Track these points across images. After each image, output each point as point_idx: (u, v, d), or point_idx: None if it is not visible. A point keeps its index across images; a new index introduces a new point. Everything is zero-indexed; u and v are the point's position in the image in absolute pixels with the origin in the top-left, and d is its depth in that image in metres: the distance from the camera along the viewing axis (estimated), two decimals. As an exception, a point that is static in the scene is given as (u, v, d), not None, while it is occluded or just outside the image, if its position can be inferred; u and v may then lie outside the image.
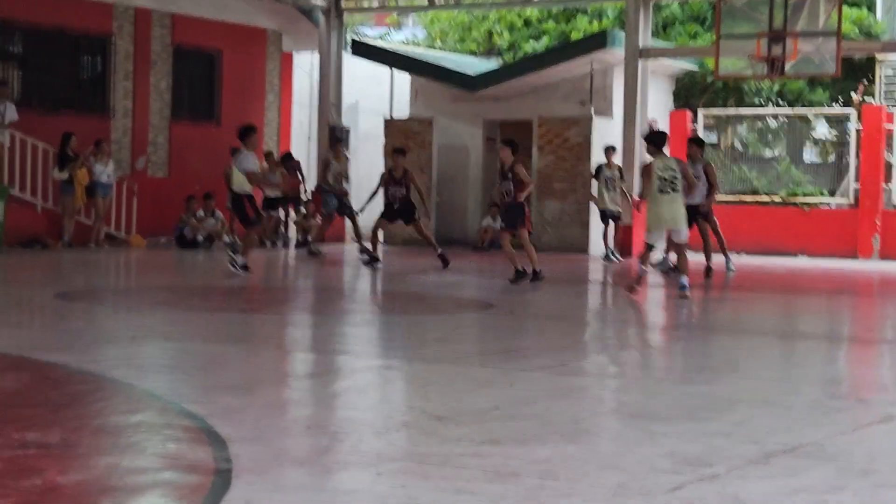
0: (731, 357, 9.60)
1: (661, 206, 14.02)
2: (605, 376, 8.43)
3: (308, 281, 17.50)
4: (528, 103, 25.77)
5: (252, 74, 26.82)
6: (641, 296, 14.40)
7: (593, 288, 17.17)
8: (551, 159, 24.56)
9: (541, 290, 15.49)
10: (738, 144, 26.74)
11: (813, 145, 26.66)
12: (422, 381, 7.86)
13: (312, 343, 10.21)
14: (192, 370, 8.11)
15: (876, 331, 12.23)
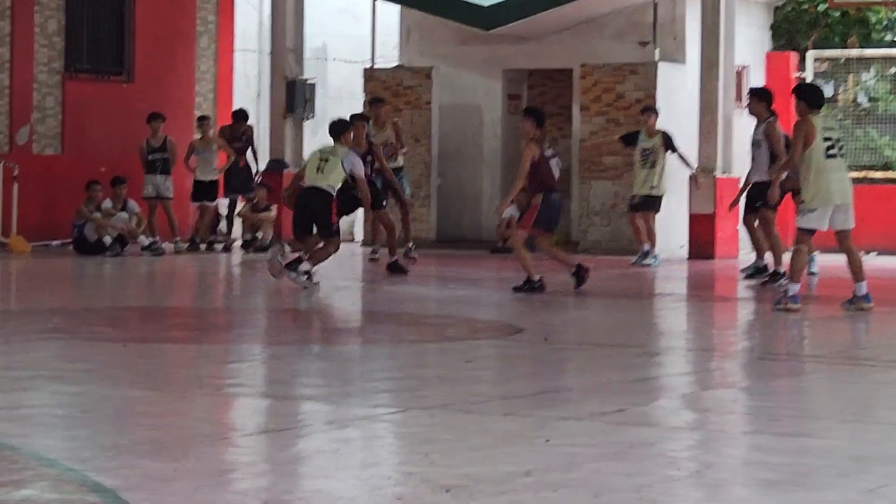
0: (855, 397, 9.59)
1: (830, 175, 14.13)
2: (678, 428, 8.43)
3: (260, 297, 17.51)
4: (565, 45, 25.78)
5: (177, 10, 26.78)
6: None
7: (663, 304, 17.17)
8: (600, 123, 24.57)
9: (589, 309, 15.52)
10: (864, 99, 26.74)
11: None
12: (422, 436, 7.86)
13: (267, 385, 10.21)
14: (99, 424, 8.10)
15: None
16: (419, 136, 26.29)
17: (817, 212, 14.21)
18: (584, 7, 25.09)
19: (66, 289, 18.00)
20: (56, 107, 25.17)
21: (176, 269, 21.02)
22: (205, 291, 18.57)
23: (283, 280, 16.88)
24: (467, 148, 26.76)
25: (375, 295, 18.03)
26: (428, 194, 26.35)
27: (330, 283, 19.36)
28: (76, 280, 19.05)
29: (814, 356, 12.23)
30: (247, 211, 24.70)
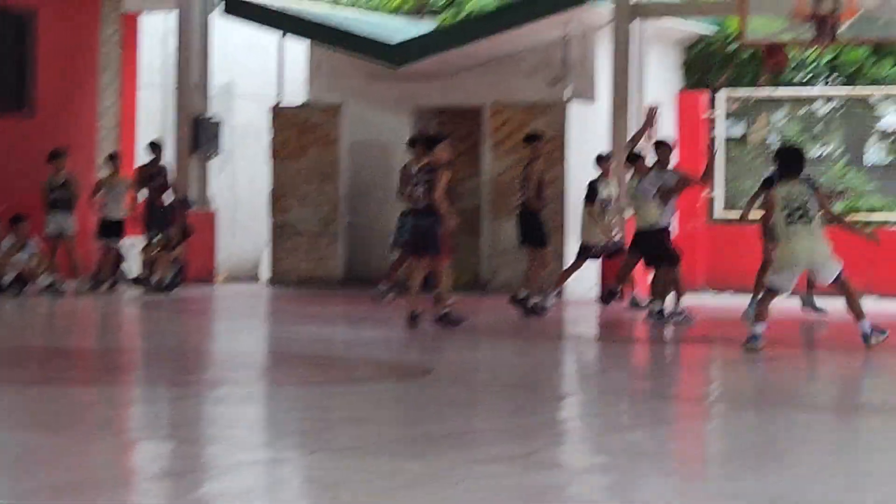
0: (764, 439, 9.64)
1: (793, 241, 14.85)
2: (588, 470, 8.44)
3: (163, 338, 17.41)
4: (476, 83, 25.86)
5: (80, 43, 26.69)
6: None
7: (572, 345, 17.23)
8: (510, 162, 24.62)
9: (500, 350, 15.53)
10: (774, 139, 26.98)
11: (880, 139, 26.96)
12: (329, 480, 7.84)
13: (170, 428, 10.14)
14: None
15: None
16: (327, 173, 26.28)
17: (782, 273, 15.21)
18: (494, 45, 25.18)
19: (-36, 329, 17.85)
20: (-45, 142, 24.99)
21: (77, 309, 20.87)
22: (107, 332, 18.45)
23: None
24: (376, 186, 26.75)
25: (282, 336, 17.97)
26: (336, 232, 26.33)
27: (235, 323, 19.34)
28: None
29: (724, 398, 12.29)
30: (150, 250, 24.53)
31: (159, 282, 24.04)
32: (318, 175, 26.40)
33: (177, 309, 20.85)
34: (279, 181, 26.69)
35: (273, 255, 27.01)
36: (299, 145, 26.53)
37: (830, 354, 16.75)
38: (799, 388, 13.07)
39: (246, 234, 29.03)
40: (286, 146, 26.63)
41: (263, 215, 27.55)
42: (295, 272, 26.51)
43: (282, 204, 26.67)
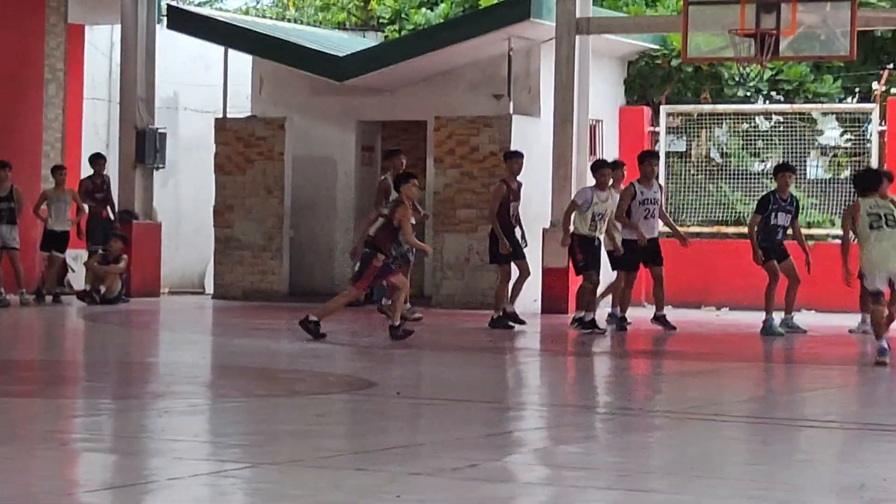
0: (706, 452, 9.69)
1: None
2: (531, 483, 8.47)
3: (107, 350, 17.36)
4: (420, 97, 25.87)
5: (24, 56, 26.59)
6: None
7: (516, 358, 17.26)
8: (454, 176, 24.65)
9: (441, 364, 15.54)
10: (716, 154, 27.08)
11: (819, 155, 27.11)
12: (272, 493, 7.84)
13: (112, 440, 10.12)
14: (-60, 481, 8.01)
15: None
16: (271, 187, 26.26)
17: (870, 278, 15.63)
18: (438, 59, 25.21)
19: None
20: None
21: (21, 321, 20.79)
22: (51, 344, 18.38)
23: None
24: (320, 200, 26.75)
25: (227, 349, 17.95)
26: (280, 246, 26.30)
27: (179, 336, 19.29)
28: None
29: (666, 411, 12.33)
30: (93, 262, 24.45)
31: (107, 293, 23.96)
32: (262, 189, 26.37)
33: (121, 321, 20.78)
34: (223, 194, 26.65)
35: (217, 268, 26.95)
36: (244, 159, 26.49)
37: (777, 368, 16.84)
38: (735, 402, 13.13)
39: (190, 247, 28.97)
40: (230, 160, 26.59)
41: (208, 228, 27.49)
42: (239, 285, 26.46)
43: (226, 217, 26.63)
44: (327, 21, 32.30)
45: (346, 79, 25.75)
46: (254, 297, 26.00)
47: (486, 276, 24.01)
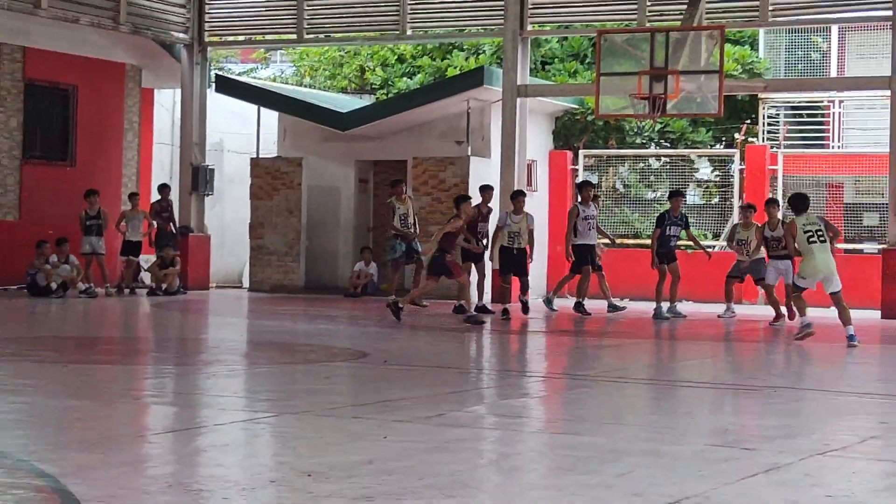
0: (614, 406, 9.69)
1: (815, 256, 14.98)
2: (484, 427, 8.45)
3: (168, 330, 17.29)
4: (402, 143, 25.83)
5: (110, 112, 26.54)
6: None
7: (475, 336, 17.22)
8: (427, 201, 24.64)
9: (418, 340, 15.50)
10: (620, 185, 27.12)
11: (696, 186, 27.16)
12: (290, 435, 7.80)
13: (173, 396, 10.07)
14: (44, 426, 7.95)
15: (760, 377, 12.44)
16: (292, 209, 26.19)
17: (808, 279, 15.07)
18: (415, 115, 25.21)
19: (20, 323, 17.65)
20: (15, 185, 24.76)
21: (105, 308, 20.70)
22: (127, 325, 18.30)
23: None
24: (328, 218, 26.71)
25: (259, 328, 17.89)
26: (298, 253, 26.24)
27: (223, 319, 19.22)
28: (28, 316, 18.68)
29: (585, 375, 12.33)
30: (154, 267, 24.42)
31: (168, 288, 24.00)
32: (285, 210, 26.29)
33: (179, 308, 20.71)
34: (256, 214, 26.58)
35: (251, 268, 26.90)
36: (272, 188, 26.41)
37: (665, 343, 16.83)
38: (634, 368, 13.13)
39: (231, 254, 28.91)
40: (262, 189, 26.52)
41: (244, 239, 27.43)
42: (268, 281, 26.38)
43: (258, 231, 26.56)
44: (334, 86, 32.22)
45: (347, 129, 25.72)
46: (278, 291, 25.93)
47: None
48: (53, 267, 22.74)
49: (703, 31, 21.54)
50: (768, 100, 26.90)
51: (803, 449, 7.42)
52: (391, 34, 25.74)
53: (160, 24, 25.93)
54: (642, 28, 22.37)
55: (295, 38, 26.68)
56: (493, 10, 24.40)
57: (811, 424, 8.79)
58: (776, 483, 6.40)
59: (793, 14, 22.92)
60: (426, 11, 25.16)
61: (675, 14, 22.76)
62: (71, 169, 25.68)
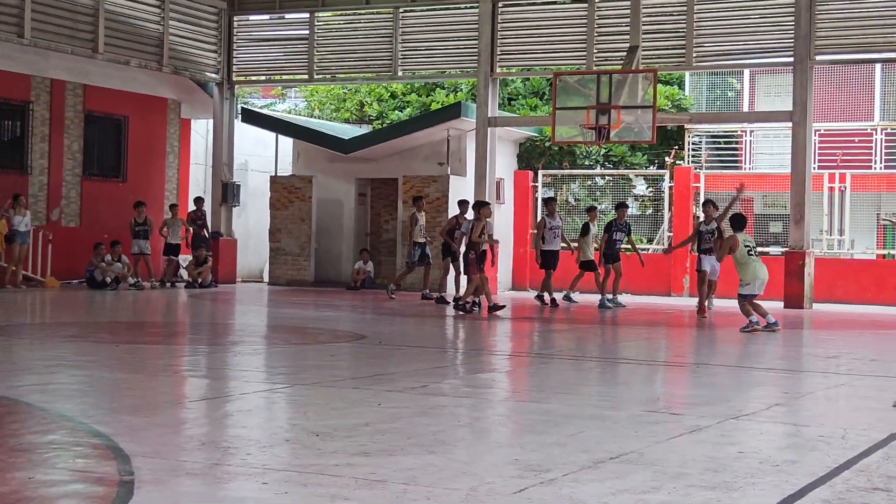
0: (566, 379, 9.70)
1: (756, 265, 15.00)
2: (460, 396, 8.45)
3: (202, 317, 17.25)
4: (394, 164, 25.83)
5: (155, 138, 26.48)
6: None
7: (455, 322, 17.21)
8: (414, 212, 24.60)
9: (407, 324, 15.49)
10: (572, 199, 27.15)
11: (634, 200, 27.20)
12: (301, 402, 7.80)
13: (206, 370, 10.06)
14: (100, 394, 7.93)
15: (685, 356, 12.48)
16: (304, 218, 26.14)
17: (751, 285, 14.95)
18: (404, 141, 25.21)
19: (80, 310, 17.60)
20: (77, 197, 24.68)
21: (151, 299, 20.64)
22: (168, 313, 18.24)
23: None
24: (333, 226, 26.66)
25: (276, 315, 17.86)
26: (309, 253, 26.20)
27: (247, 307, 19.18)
28: (87, 305, 18.62)
29: (541, 353, 12.34)
30: (190, 265, 24.37)
31: (202, 282, 23.93)
32: (298, 219, 26.24)
33: (212, 299, 20.66)
34: (274, 222, 26.53)
35: (271, 266, 26.84)
36: (287, 200, 26.35)
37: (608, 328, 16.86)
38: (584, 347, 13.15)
39: (254, 254, 28.84)
40: (279, 201, 26.46)
41: (265, 243, 27.37)
42: (284, 277, 26.32)
43: (276, 236, 26.50)
44: (338, 118, 32.17)
45: (349, 152, 25.71)
46: (292, 284, 25.87)
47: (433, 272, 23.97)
48: (108, 265, 22.71)
49: (639, 73, 21.59)
50: (693, 129, 26.97)
51: (720, 414, 7.45)
52: (385, 74, 25.73)
53: (196, 65, 25.88)
54: (590, 71, 22.42)
55: (307, 78, 26.66)
56: (468, 55, 24.42)
57: (726, 394, 8.82)
58: (698, 442, 6.42)
59: (713, 60, 23.00)
60: (414, 57, 25.17)
61: (617, 59, 22.82)
62: (123, 184, 25.61)
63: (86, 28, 22.98)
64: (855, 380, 10.06)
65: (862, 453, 6.13)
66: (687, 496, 4.98)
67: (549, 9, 24.16)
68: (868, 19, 21.25)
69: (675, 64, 23.34)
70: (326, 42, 26.00)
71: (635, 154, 27.40)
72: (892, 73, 27.91)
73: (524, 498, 4.83)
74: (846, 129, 27.56)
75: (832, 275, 23.15)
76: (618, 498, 4.88)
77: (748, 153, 28.02)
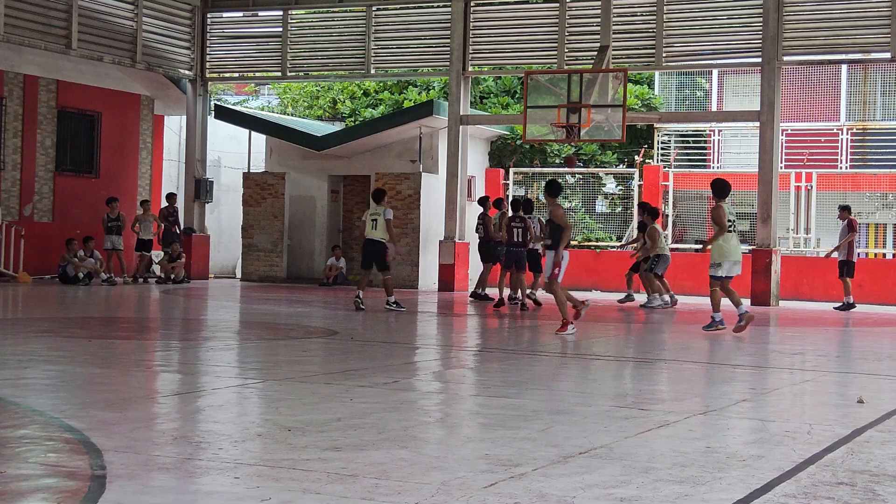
0: (536, 374, 9.72)
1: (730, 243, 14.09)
2: (430, 392, 8.46)
3: (175, 312, 17.18)
4: (366, 161, 25.82)
5: (128, 134, 26.36)
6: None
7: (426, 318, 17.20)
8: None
9: (378, 321, 15.49)
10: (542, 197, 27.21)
11: (603, 198, 27.30)
12: (274, 397, 7.78)
13: (178, 365, 10.01)
14: (72, 389, 7.89)
15: (654, 352, 12.52)
16: (277, 214, 26.10)
17: (722, 265, 14.14)
18: (377, 139, 25.18)
19: (52, 305, 17.49)
20: (49, 192, 24.53)
21: (123, 294, 20.54)
22: (141, 308, 18.15)
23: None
24: (305, 222, 26.62)
25: (249, 311, 17.81)
26: (281, 250, 26.14)
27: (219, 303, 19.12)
28: (59, 300, 18.51)
29: (513, 350, 12.35)
30: (164, 260, 24.28)
31: (175, 277, 23.87)
32: (270, 215, 26.18)
33: (184, 294, 20.58)
34: (247, 218, 26.46)
35: (243, 262, 26.76)
36: (260, 197, 26.29)
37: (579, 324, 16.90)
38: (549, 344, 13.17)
39: (227, 250, 28.76)
40: (252, 197, 26.40)
41: (238, 239, 27.30)
42: (256, 273, 26.27)
43: (248, 232, 26.43)
44: (311, 115, 32.11)
45: (322, 149, 25.66)
46: (265, 280, 25.83)
47: (405, 269, 24.00)
48: (80, 260, 22.62)
49: (610, 72, 21.65)
50: (662, 129, 27.08)
51: (688, 409, 7.48)
52: (358, 72, 25.69)
53: (169, 62, 25.75)
54: (561, 70, 22.47)
55: (280, 76, 26.59)
56: (440, 54, 24.42)
57: (694, 390, 8.86)
58: (666, 437, 6.45)
59: (682, 60, 23.09)
60: (387, 55, 25.15)
61: (588, 59, 22.87)
62: (95, 180, 25.48)
63: (59, 24, 22.82)
64: (820, 376, 10.14)
65: (826, 448, 6.17)
66: (655, 490, 5.00)
67: (520, 8, 24.20)
68: (835, 21, 21.39)
69: (644, 64, 23.42)
70: (300, 40, 25.94)
71: (605, 152, 27.48)
72: (858, 74, 28.12)
73: (494, 492, 4.84)
74: (813, 129, 27.75)
75: (798, 272, 23.31)
76: (587, 492, 4.90)
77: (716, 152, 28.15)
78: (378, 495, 4.74)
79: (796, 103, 28.27)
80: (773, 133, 21.55)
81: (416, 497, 4.72)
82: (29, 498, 4.63)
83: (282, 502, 4.59)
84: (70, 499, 4.61)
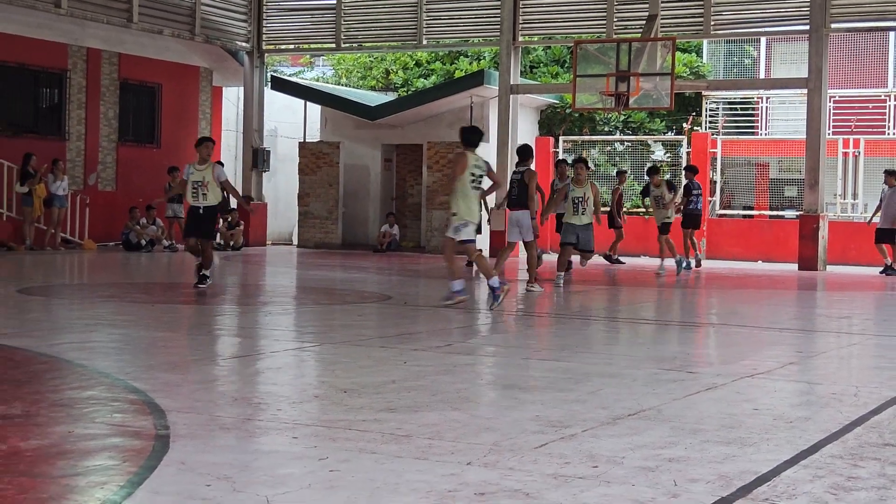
0: (586, 338, 9.70)
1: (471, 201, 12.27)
2: (482, 355, 8.46)
3: (234, 278, 17.31)
4: (418, 130, 25.80)
5: (187, 105, 26.51)
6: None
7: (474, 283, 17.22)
8: (438, 177, 24.62)
9: (429, 286, 15.52)
10: (592, 165, 27.04)
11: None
12: (330, 360, 7.82)
13: (238, 330, 10.10)
14: (136, 352, 7.98)
15: (702, 317, 12.44)
16: (332, 182, 26.19)
17: (468, 227, 12.12)
18: (429, 108, 25.16)
19: (116, 272, 17.70)
20: (113, 162, 24.77)
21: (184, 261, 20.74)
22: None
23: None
24: (360, 190, 26.69)
25: (305, 276, 17.91)
26: (336, 217, 26.25)
27: (277, 269, 19.24)
28: (123, 267, 18.72)
29: (562, 314, 12.32)
30: (223, 228, 24.42)
31: (234, 244, 24.05)
32: (326, 183, 26.27)
33: (243, 261, 20.73)
34: (303, 187, 26.57)
35: (299, 229, 26.90)
36: (316, 166, 26.38)
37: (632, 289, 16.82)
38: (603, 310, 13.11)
39: (284, 218, 28.91)
40: (308, 166, 26.49)
41: (294, 206, 27.44)
42: (312, 240, 26.40)
43: (305, 200, 26.55)
44: (365, 85, 32.11)
45: (376, 119, 25.69)
46: (320, 247, 25.95)
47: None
48: (143, 228, 22.82)
49: (658, 41, 21.42)
50: (710, 96, 26.79)
51: (735, 372, 7.44)
52: (410, 43, 25.63)
53: (227, 35, 25.85)
54: (610, 39, 22.27)
55: (334, 47, 26.59)
56: (491, 24, 24.29)
57: (741, 353, 8.80)
58: (714, 399, 6.41)
59: (730, 28, 22.80)
60: (438, 26, 25.06)
61: (637, 28, 22.65)
62: (157, 150, 25.68)
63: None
64: (867, 339, 10.03)
65: (873, 410, 6.11)
66: (703, 451, 4.98)
67: (570, -22, 23.98)
68: (883, -13, 20.99)
69: (693, 32, 23.14)
70: (353, 11, 25.90)
71: (654, 120, 27.25)
72: (907, 41, 27.61)
73: (545, 452, 4.84)
74: (860, 96, 27.33)
75: (846, 238, 23.03)
76: (636, 453, 4.89)
77: (764, 119, 27.82)
78: (431, 455, 4.76)
79: (844, 70, 27.83)
80: (821, 100, 21.24)
81: (469, 457, 4.74)
82: (96, 456, 4.70)
83: (338, 461, 4.62)
84: (135, 457, 4.67)
